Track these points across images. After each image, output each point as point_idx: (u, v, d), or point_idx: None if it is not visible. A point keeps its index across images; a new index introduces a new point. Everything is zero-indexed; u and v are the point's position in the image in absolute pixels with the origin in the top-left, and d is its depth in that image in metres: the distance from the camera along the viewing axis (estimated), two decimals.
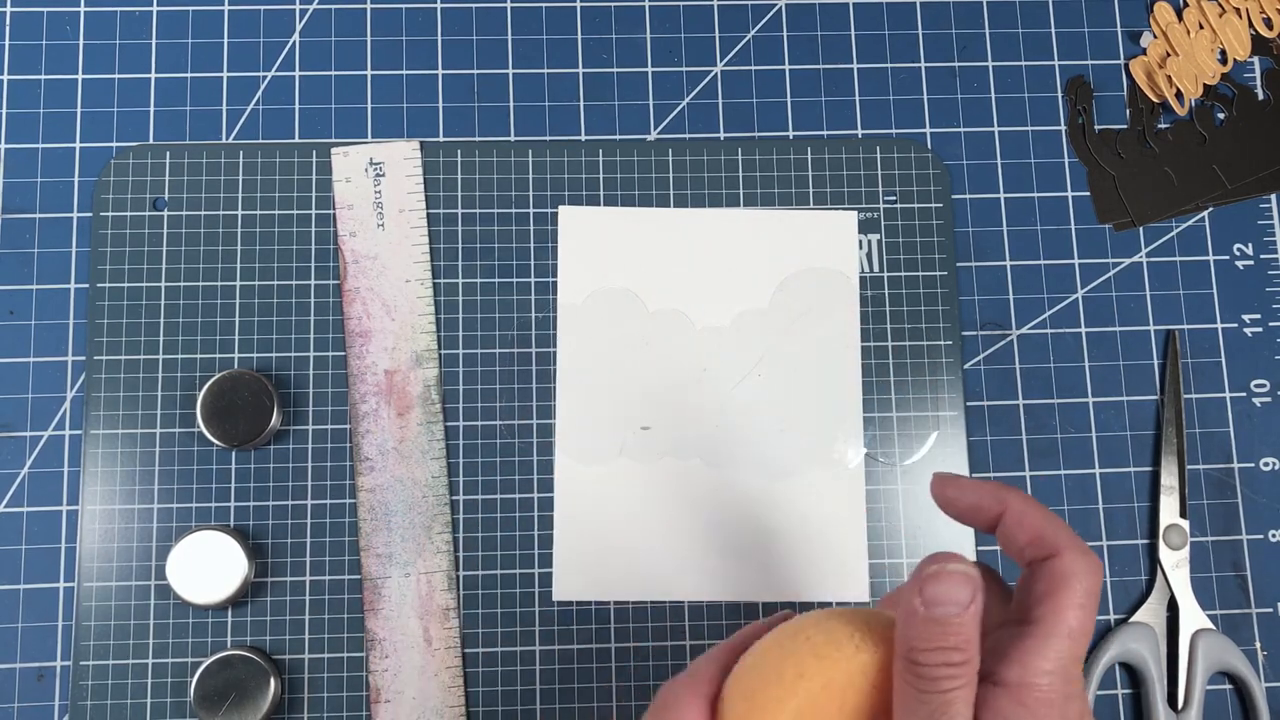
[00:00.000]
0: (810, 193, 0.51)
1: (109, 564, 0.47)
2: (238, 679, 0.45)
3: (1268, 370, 0.51)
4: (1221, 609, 0.49)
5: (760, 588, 0.48)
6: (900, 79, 0.53)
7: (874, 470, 0.49)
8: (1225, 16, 0.54)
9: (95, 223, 0.50)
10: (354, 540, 0.48)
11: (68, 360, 0.49)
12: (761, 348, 0.50)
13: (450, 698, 0.47)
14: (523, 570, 0.48)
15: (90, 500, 0.48)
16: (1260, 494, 0.50)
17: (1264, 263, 0.52)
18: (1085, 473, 0.50)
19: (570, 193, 0.51)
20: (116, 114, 0.51)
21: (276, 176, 0.51)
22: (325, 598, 0.47)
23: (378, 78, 0.52)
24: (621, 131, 0.52)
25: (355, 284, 0.49)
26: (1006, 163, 0.53)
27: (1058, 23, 0.54)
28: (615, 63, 0.53)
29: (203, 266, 0.50)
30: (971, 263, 0.52)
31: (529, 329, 0.50)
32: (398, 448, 0.48)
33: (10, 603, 0.47)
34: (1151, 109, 0.53)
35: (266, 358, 0.49)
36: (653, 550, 0.48)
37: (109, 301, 0.49)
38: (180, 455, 0.48)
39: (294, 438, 0.49)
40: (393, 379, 0.49)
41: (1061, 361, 0.51)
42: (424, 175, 0.51)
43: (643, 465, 0.49)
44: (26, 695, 0.47)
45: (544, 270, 0.50)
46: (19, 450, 0.48)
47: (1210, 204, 0.53)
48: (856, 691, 0.29)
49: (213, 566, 0.46)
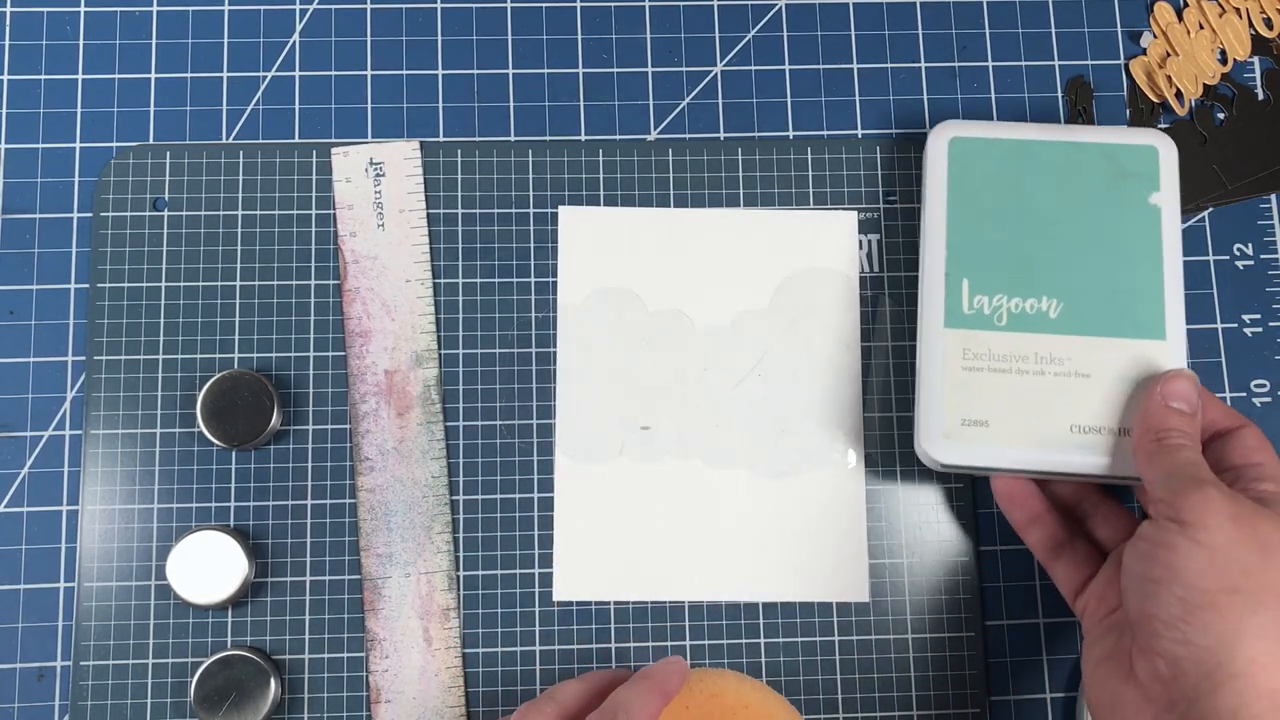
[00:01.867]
0: (810, 193, 0.51)
1: (109, 564, 0.47)
2: (238, 679, 0.45)
3: (1268, 370, 0.51)
4: None
5: (760, 588, 0.48)
6: (900, 79, 0.53)
7: (874, 470, 0.49)
8: (1225, 16, 0.54)
9: (95, 223, 0.50)
10: (354, 540, 0.48)
11: (68, 360, 0.49)
12: (761, 348, 0.50)
13: (450, 698, 0.47)
14: (523, 570, 0.48)
15: (90, 500, 0.48)
16: None
17: (1264, 263, 0.52)
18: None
19: (570, 193, 0.51)
20: (116, 114, 0.51)
21: (276, 176, 0.51)
22: (325, 598, 0.47)
23: (378, 78, 0.52)
24: (621, 131, 0.52)
25: (355, 284, 0.49)
26: None
27: (1058, 23, 0.54)
28: (615, 63, 0.53)
29: (203, 266, 0.50)
30: None
31: (529, 329, 0.50)
32: (398, 448, 0.48)
33: (10, 603, 0.47)
34: (1151, 109, 0.53)
35: (266, 358, 0.49)
36: (653, 550, 0.48)
37: (109, 301, 0.49)
38: (180, 455, 0.48)
39: (294, 438, 0.49)
40: (393, 379, 0.49)
41: None
42: (424, 175, 0.51)
43: (643, 465, 0.49)
44: (26, 695, 0.47)
45: (544, 270, 0.51)
46: (19, 450, 0.48)
47: (1210, 204, 0.53)
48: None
49: (213, 566, 0.46)
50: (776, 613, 0.48)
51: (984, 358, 0.44)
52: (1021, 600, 0.49)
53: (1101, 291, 0.44)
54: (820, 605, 0.48)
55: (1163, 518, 0.37)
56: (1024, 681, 0.48)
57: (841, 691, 0.48)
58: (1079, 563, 0.43)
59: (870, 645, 0.48)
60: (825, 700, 0.47)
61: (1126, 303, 0.44)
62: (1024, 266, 0.45)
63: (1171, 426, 0.40)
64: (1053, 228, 0.45)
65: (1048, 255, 0.45)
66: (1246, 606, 0.34)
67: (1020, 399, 0.43)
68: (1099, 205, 0.45)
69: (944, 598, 0.48)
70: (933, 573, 0.49)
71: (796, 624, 0.48)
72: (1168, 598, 0.35)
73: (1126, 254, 0.45)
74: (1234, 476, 0.40)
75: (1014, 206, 0.46)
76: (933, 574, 0.49)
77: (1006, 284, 0.45)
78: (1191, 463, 0.38)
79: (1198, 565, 0.35)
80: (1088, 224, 0.45)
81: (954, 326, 0.44)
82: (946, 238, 0.45)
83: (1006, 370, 0.43)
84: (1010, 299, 0.44)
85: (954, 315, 0.44)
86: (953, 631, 0.48)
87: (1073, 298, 0.44)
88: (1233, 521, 0.35)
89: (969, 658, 0.48)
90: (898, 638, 0.48)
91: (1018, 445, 0.43)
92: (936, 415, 0.44)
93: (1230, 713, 0.33)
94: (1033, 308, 0.44)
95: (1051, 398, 0.43)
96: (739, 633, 0.48)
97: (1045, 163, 0.46)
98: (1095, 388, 0.43)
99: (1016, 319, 0.44)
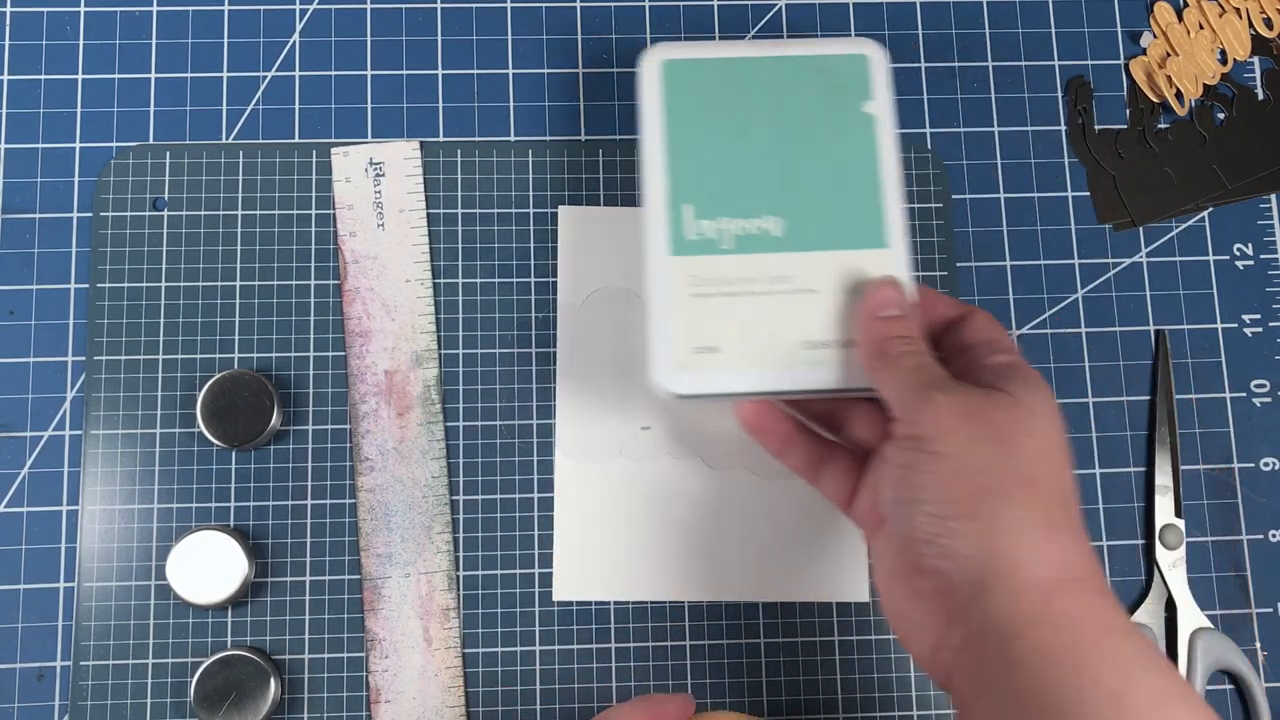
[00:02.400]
0: None
1: (109, 564, 0.47)
2: (238, 679, 0.45)
3: (1268, 370, 0.51)
4: (1221, 609, 0.49)
5: (760, 588, 0.48)
6: (900, 79, 0.53)
7: None
8: (1225, 16, 0.54)
9: (95, 223, 0.50)
10: (354, 540, 0.48)
11: (68, 360, 0.49)
12: None
13: (450, 698, 0.47)
14: (523, 570, 0.48)
15: (90, 500, 0.48)
16: (1260, 494, 0.50)
17: (1264, 263, 0.52)
18: (1084, 473, 0.50)
19: (570, 193, 0.51)
20: (116, 114, 0.51)
21: (276, 176, 0.51)
22: (325, 598, 0.48)
23: (378, 78, 0.52)
24: (621, 131, 0.52)
25: (355, 284, 0.49)
26: (1006, 163, 0.53)
27: (1058, 23, 0.54)
28: (615, 63, 0.53)
29: (203, 266, 0.50)
30: (971, 263, 0.52)
31: (529, 329, 0.50)
32: (398, 448, 0.48)
33: (10, 603, 0.47)
34: (1151, 109, 0.53)
35: (266, 358, 0.49)
36: (653, 550, 0.48)
37: (109, 301, 0.49)
38: (180, 455, 0.48)
39: (294, 438, 0.49)
40: (393, 379, 0.49)
41: (1061, 361, 0.51)
42: (424, 175, 0.51)
43: (643, 465, 0.49)
44: (26, 695, 0.47)
45: (544, 270, 0.51)
46: (19, 450, 0.48)
47: (1210, 204, 0.53)
48: None
49: (213, 566, 0.46)
50: (776, 613, 0.48)
51: (711, 283, 0.42)
52: None
53: (823, 206, 0.44)
54: (820, 605, 0.48)
55: (900, 436, 0.36)
56: None
57: (841, 691, 0.48)
58: (843, 474, 0.42)
59: (870, 645, 0.48)
60: (825, 700, 0.47)
61: (848, 214, 0.43)
62: (746, 187, 0.44)
63: (888, 335, 0.39)
64: (771, 146, 0.44)
65: (768, 174, 0.44)
66: (996, 504, 0.34)
67: (750, 321, 0.42)
68: (815, 119, 0.44)
69: None
70: None
71: (796, 624, 0.48)
72: (921, 517, 0.35)
73: (845, 166, 0.44)
74: (970, 357, 0.39)
75: (732, 127, 0.45)
76: None
77: (729, 207, 0.44)
78: (914, 368, 0.37)
79: (940, 478, 0.35)
80: (806, 139, 0.44)
81: (679, 254, 0.43)
82: (666, 164, 0.44)
83: (734, 294, 0.42)
84: (734, 221, 0.43)
85: (678, 243, 0.43)
86: None
87: (795, 214, 0.43)
88: (965, 420, 0.35)
89: None
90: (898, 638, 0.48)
91: (751, 368, 0.42)
92: (666, 345, 0.42)
93: (1005, 614, 0.33)
94: (757, 228, 0.43)
95: (781, 317, 0.42)
96: (739, 633, 0.48)
97: (759, 81, 0.45)
98: (822, 302, 0.42)
99: (741, 241, 0.43)
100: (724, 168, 0.44)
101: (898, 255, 0.42)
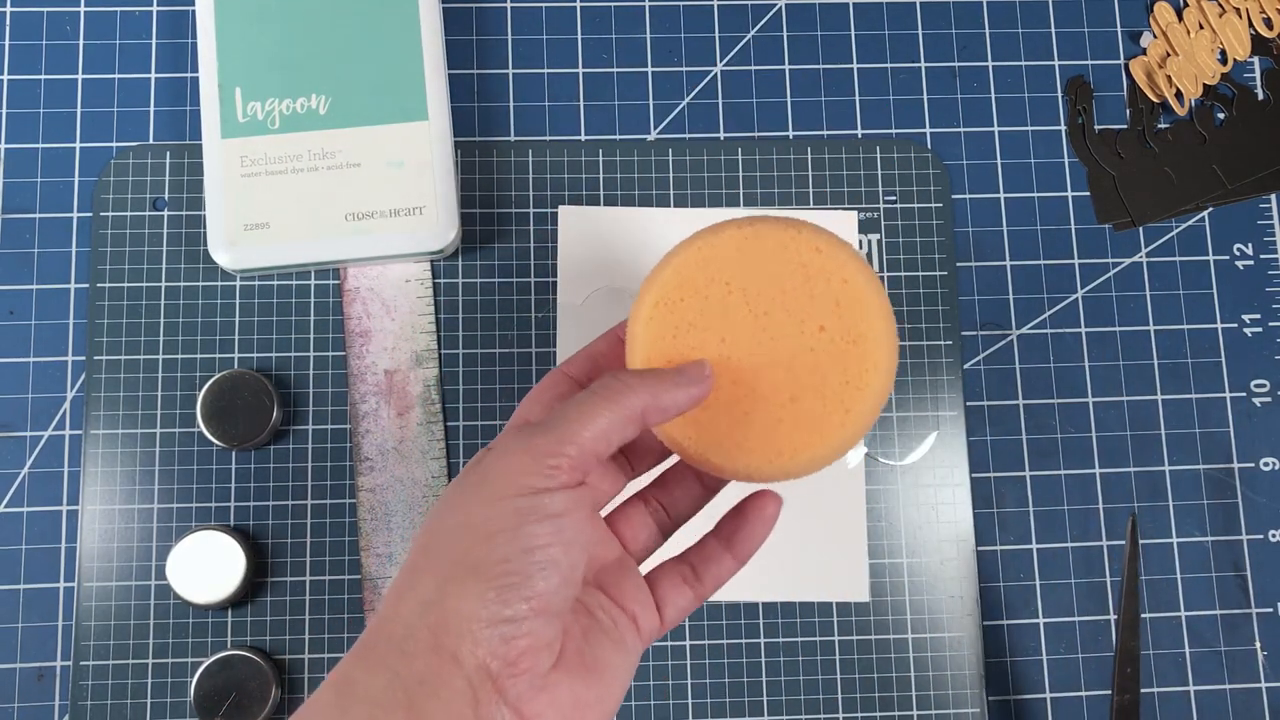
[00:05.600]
0: (810, 193, 0.51)
1: (109, 564, 0.47)
2: (238, 679, 0.45)
3: (1268, 370, 0.51)
4: (1221, 609, 0.49)
5: (760, 588, 0.48)
6: (900, 79, 0.53)
7: (874, 470, 0.49)
8: (1225, 16, 0.54)
9: (95, 223, 0.50)
10: (354, 540, 0.48)
11: (68, 360, 0.49)
12: None
13: None
14: None
15: (90, 500, 0.48)
16: (1260, 494, 0.50)
17: (1264, 263, 0.52)
18: (1085, 473, 0.50)
19: (570, 193, 0.51)
20: (116, 114, 0.51)
21: None
22: (325, 598, 0.47)
23: None
24: (621, 131, 0.52)
25: (355, 284, 0.49)
26: (1006, 163, 0.53)
27: (1058, 23, 0.54)
28: (615, 63, 0.53)
29: (203, 266, 0.50)
30: (971, 263, 0.52)
31: (529, 329, 0.50)
32: (398, 448, 0.48)
33: (10, 603, 0.47)
34: (1151, 109, 0.53)
35: (266, 358, 0.49)
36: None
37: (109, 301, 0.49)
38: (180, 455, 0.48)
39: (294, 438, 0.49)
40: (393, 379, 0.49)
41: (1061, 361, 0.51)
42: None
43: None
44: (26, 695, 0.47)
45: (544, 270, 0.50)
46: (19, 450, 0.48)
47: (1210, 204, 0.53)
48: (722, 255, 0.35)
49: (213, 566, 0.46)
50: (776, 613, 0.48)
51: (260, 162, 0.46)
52: (1020, 600, 0.49)
53: (368, 83, 0.46)
54: (820, 605, 0.48)
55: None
56: (1022, 681, 0.48)
57: (841, 691, 0.48)
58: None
59: (870, 645, 0.48)
60: (825, 700, 0.47)
61: (391, 90, 0.46)
62: (294, 67, 0.47)
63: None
64: (319, 27, 0.47)
65: (316, 54, 0.47)
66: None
67: (297, 198, 0.46)
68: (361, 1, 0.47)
69: (943, 598, 0.48)
70: (932, 573, 0.49)
71: (796, 624, 0.48)
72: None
73: (389, 43, 0.47)
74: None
75: (280, 10, 0.47)
76: (932, 574, 0.49)
77: (278, 87, 0.46)
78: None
79: None
80: (351, 19, 0.47)
81: (230, 136, 0.46)
82: (216, 47, 0.47)
83: (282, 171, 0.46)
84: (282, 101, 0.46)
85: (229, 125, 0.46)
86: (952, 631, 0.48)
87: (341, 92, 0.46)
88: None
89: (968, 658, 0.48)
90: (897, 638, 0.48)
91: (299, 241, 0.46)
92: (220, 224, 0.46)
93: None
94: (303, 107, 0.46)
95: (326, 192, 0.46)
96: (739, 633, 0.48)
97: None
98: (365, 175, 0.45)
99: (288, 120, 0.46)
100: (273, 49, 0.47)
101: (438, 127, 0.46)
